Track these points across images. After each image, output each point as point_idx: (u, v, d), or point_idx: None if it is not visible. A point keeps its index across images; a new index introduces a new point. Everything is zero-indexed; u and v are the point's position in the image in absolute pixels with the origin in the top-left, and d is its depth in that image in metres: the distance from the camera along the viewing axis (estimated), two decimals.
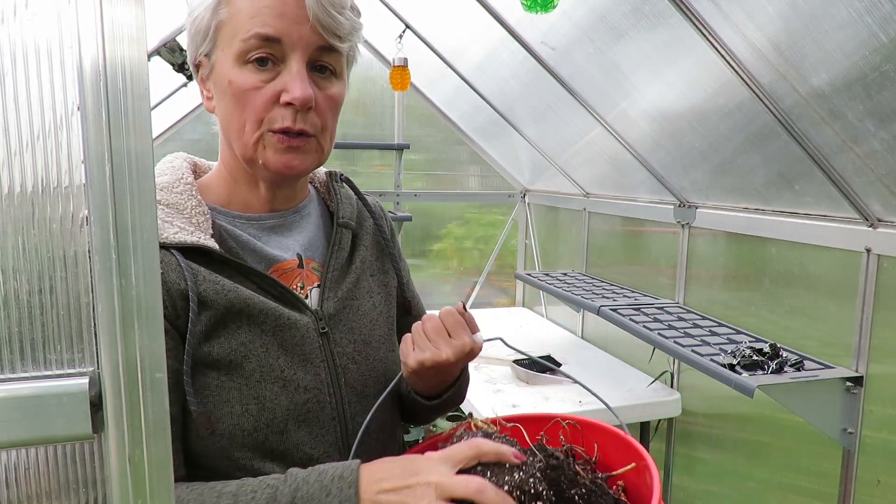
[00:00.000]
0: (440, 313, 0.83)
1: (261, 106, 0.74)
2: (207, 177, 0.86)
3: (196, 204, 0.78)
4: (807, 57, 1.28)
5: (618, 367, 2.44)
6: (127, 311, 0.36)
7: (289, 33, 0.73)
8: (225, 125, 0.79)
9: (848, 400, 1.51)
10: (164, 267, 0.71)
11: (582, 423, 0.85)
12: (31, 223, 0.35)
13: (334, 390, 0.81)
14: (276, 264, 0.82)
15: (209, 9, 0.75)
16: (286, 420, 0.76)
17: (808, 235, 1.65)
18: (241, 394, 0.74)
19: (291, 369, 0.77)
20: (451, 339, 0.81)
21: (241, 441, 0.74)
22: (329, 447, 0.80)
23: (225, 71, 0.75)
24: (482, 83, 2.74)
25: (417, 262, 3.47)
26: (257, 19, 0.73)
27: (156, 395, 0.36)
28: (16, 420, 0.35)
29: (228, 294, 0.74)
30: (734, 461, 1.96)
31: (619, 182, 2.53)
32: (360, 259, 0.90)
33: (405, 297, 0.97)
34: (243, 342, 0.75)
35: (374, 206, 0.98)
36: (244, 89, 0.74)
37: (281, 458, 0.77)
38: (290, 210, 0.87)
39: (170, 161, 0.85)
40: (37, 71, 0.34)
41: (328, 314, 0.83)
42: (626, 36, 1.70)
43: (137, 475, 0.36)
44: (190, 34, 0.78)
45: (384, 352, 0.89)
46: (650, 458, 0.78)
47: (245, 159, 0.78)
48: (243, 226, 0.82)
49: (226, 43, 0.75)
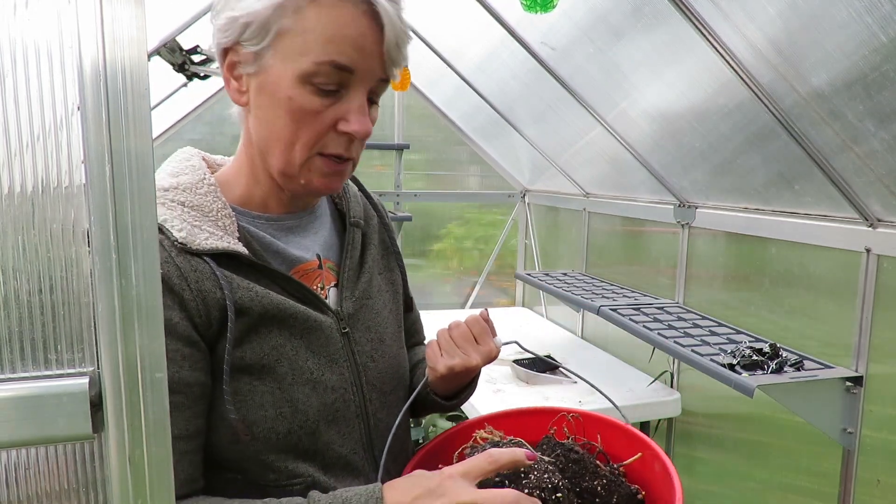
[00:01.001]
0: (467, 321, 0.89)
1: (319, 131, 0.74)
2: (224, 174, 0.83)
3: (221, 206, 0.76)
4: (807, 57, 1.28)
5: (618, 367, 2.44)
6: (127, 311, 0.35)
7: (362, 66, 0.72)
8: (266, 134, 0.75)
9: (848, 400, 1.51)
10: (198, 276, 0.71)
11: (584, 416, 0.86)
12: (31, 223, 0.35)
13: (357, 388, 0.83)
14: (297, 265, 0.83)
15: (271, 7, 0.69)
16: (318, 421, 0.77)
17: (808, 235, 1.65)
18: (275, 397, 0.75)
19: (319, 370, 0.78)
20: (479, 345, 0.87)
21: (275, 444, 0.75)
22: (355, 444, 0.82)
23: (284, 84, 0.71)
24: (482, 83, 2.74)
25: (417, 262, 3.46)
26: (334, 47, 0.70)
27: (156, 395, 0.36)
28: (16, 420, 0.35)
29: (262, 300, 0.74)
30: (734, 461, 1.96)
31: (619, 182, 2.53)
32: (370, 258, 0.91)
33: (408, 294, 1.00)
34: (275, 346, 0.75)
35: (379, 203, 0.99)
36: (305, 111, 0.72)
37: (313, 457, 0.78)
38: (305, 210, 0.87)
39: (185, 159, 0.81)
40: (37, 71, 0.34)
41: (347, 314, 0.84)
42: (626, 36, 1.70)
43: (137, 475, 0.36)
44: (227, 17, 0.72)
45: (396, 348, 0.91)
46: (657, 446, 0.78)
47: (282, 173, 0.76)
48: (264, 226, 0.82)
49: (289, 54, 0.71)
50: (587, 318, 2.85)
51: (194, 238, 0.72)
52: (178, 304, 0.70)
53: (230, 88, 0.77)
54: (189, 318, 0.70)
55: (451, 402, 0.95)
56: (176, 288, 0.70)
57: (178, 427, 0.69)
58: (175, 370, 0.69)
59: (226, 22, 0.72)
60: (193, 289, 0.71)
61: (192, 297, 0.70)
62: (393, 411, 0.87)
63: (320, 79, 0.71)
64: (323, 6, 0.69)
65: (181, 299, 0.70)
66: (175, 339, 0.69)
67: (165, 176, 0.78)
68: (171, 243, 0.71)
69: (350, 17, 0.70)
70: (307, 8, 0.69)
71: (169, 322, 0.68)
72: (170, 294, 0.69)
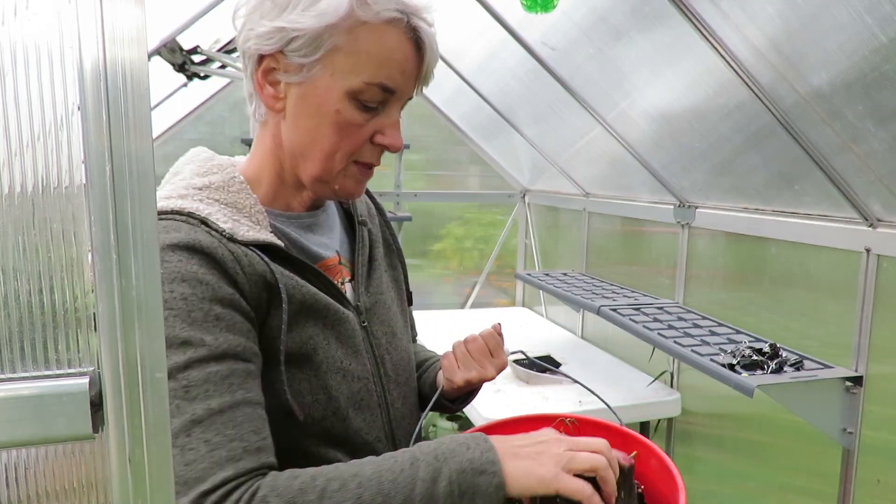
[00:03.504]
0: (482, 335, 0.95)
1: (359, 142, 0.79)
2: (247, 174, 0.85)
3: (253, 203, 0.79)
4: (807, 57, 1.28)
5: (618, 367, 2.44)
6: (127, 311, 0.35)
7: (403, 87, 0.78)
8: (307, 141, 0.78)
9: (848, 400, 1.51)
10: (249, 259, 0.73)
11: (581, 420, 0.88)
12: (31, 223, 0.35)
13: (378, 379, 0.87)
14: (321, 261, 0.86)
15: (323, 25, 0.72)
16: (347, 408, 0.81)
17: (808, 235, 1.65)
18: (311, 385, 0.78)
19: (347, 360, 0.82)
20: (493, 358, 0.94)
21: (310, 429, 0.78)
22: (379, 432, 0.86)
23: (333, 98, 0.75)
24: (482, 83, 2.74)
25: (417, 262, 3.46)
26: (385, 70, 0.75)
27: (156, 395, 0.36)
28: (16, 420, 0.35)
29: (302, 289, 0.78)
30: (734, 461, 1.96)
31: (619, 182, 2.53)
32: (377, 256, 0.95)
33: (409, 290, 1.03)
34: (311, 335, 0.79)
35: (379, 202, 1.03)
36: (350, 124, 0.77)
37: (343, 444, 0.81)
38: (319, 209, 0.90)
39: (208, 158, 0.83)
40: (37, 71, 0.34)
41: (365, 308, 0.88)
42: (626, 36, 1.70)
43: (137, 475, 0.36)
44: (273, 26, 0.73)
45: (406, 342, 0.96)
46: (653, 444, 0.79)
47: (318, 178, 0.80)
48: (287, 223, 0.85)
49: (338, 70, 0.74)
50: (587, 318, 2.85)
51: (238, 230, 0.75)
52: (233, 284, 0.72)
53: (264, 94, 0.79)
54: (244, 297, 0.73)
55: (456, 405, 1.01)
56: (230, 270, 0.72)
57: (256, 393, 0.71)
58: (242, 340, 0.71)
59: (270, 31, 0.74)
60: (247, 272, 0.73)
61: (246, 280, 0.73)
62: (407, 402, 0.92)
63: (366, 97, 0.76)
64: (374, 29, 0.74)
65: (235, 281, 0.72)
66: (238, 311, 0.72)
67: (193, 176, 0.80)
68: (220, 234, 0.74)
69: (398, 41, 0.75)
70: (359, 29, 0.73)
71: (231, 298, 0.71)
72: (225, 275, 0.71)
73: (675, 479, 0.73)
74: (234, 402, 0.67)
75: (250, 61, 0.78)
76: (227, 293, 0.71)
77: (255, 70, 0.78)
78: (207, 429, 0.65)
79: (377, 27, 0.74)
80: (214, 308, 0.69)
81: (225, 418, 0.66)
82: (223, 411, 0.66)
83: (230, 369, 0.69)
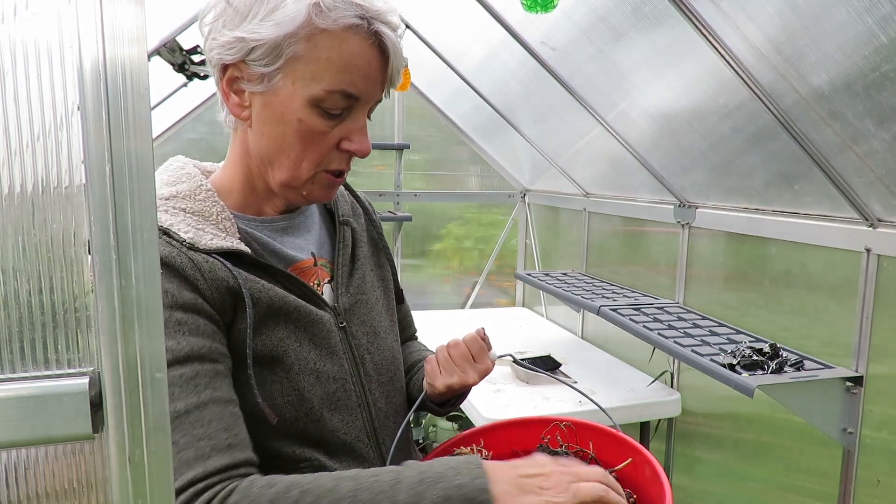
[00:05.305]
0: (465, 340, 0.94)
1: (325, 149, 0.79)
2: (217, 180, 0.86)
3: (220, 210, 0.80)
4: (806, 57, 1.28)
5: (618, 367, 2.44)
6: (127, 311, 0.35)
7: (367, 93, 0.78)
8: (273, 149, 0.79)
9: (848, 400, 1.51)
10: (210, 266, 0.74)
11: (576, 424, 0.88)
12: (31, 223, 0.35)
13: (357, 379, 0.87)
14: (294, 264, 0.86)
15: (282, 34, 0.72)
16: (321, 408, 0.81)
17: (808, 235, 1.65)
18: (283, 386, 0.79)
19: (321, 361, 0.82)
20: (476, 363, 0.92)
21: (283, 430, 0.79)
22: (359, 432, 0.86)
23: (294, 106, 0.76)
24: (482, 83, 2.74)
25: (417, 262, 3.46)
26: (346, 77, 0.75)
27: (156, 395, 0.36)
28: (16, 420, 0.35)
29: (269, 293, 0.78)
30: (734, 461, 1.96)
31: (619, 182, 2.53)
32: (361, 255, 0.95)
33: (398, 287, 1.04)
34: (281, 338, 0.79)
35: (365, 200, 1.03)
36: (314, 132, 0.77)
37: (317, 444, 0.81)
38: (295, 212, 0.91)
39: (179, 167, 0.84)
40: (37, 71, 0.34)
41: (344, 309, 0.88)
42: (626, 36, 1.70)
43: (137, 475, 0.36)
44: (233, 36, 0.73)
45: (391, 341, 0.95)
46: (647, 451, 0.80)
47: (286, 185, 0.81)
48: (259, 228, 0.85)
49: (299, 79, 0.74)
50: (587, 318, 2.85)
51: (200, 239, 0.75)
52: (194, 290, 0.73)
53: (229, 102, 0.80)
54: (207, 301, 0.73)
55: (443, 409, 1.00)
56: (190, 277, 0.73)
57: (226, 392, 0.72)
58: (207, 342, 0.72)
59: (231, 41, 0.74)
60: (207, 278, 0.74)
61: (207, 286, 0.73)
62: (392, 401, 0.92)
63: (329, 104, 0.76)
64: (334, 36, 0.74)
65: (196, 287, 0.73)
66: (201, 315, 0.72)
67: (162, 185, 0.81)
68: (181, 244, 0.74)
69: (359, 47, 0.75)
70: (319, 37, 0.73)
71: (193, 302, 0.72)
72: (185, 282, 0.72)
73: (664, 487, 0.73)
74: (200, 403, 0.68)
75: (215, 70, 0.79)
76: (189, 298, 0.72)
77: (220, 79, 0.78)
78: (174, 431, 0.65)
79: (337, 34, 0.73)
80: (175, 314, 0.70)
81: (192, 419, 0.67)
82: (189, 412, 0.67)
83: (195, 371, 0.69)
